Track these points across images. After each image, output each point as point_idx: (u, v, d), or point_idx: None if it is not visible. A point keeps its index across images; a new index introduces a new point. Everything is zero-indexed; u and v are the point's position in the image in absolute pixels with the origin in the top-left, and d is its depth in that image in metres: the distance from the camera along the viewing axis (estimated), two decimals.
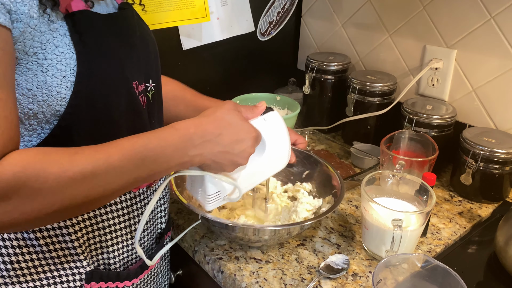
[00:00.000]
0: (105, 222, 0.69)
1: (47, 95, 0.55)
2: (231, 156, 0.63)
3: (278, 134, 0.73)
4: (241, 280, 0.76)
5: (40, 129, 0.58)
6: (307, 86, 1.29)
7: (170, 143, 0.58)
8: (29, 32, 0.52)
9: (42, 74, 0.54)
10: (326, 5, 1.38)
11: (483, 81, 1.06)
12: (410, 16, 1.16)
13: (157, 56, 0.75)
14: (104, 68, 0.59)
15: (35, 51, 0.54)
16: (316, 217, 0.78)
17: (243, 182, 0.71)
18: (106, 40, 0.61)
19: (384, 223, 0.76)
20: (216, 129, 0.62)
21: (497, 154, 0.92)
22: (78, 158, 0.51)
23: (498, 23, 1.00)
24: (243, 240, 0.79)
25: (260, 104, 0.72)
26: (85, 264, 0.67)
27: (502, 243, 0.78)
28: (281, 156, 0.76)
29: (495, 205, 0.99)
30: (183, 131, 0.59)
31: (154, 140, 0.57)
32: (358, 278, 0.76)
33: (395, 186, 0.84)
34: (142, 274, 0.75)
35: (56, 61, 0.55)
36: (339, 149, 1.19)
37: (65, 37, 0.56)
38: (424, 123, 1.03)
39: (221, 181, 0.68)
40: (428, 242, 0.86)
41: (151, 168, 0.57)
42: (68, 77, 0.56)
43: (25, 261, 0.63)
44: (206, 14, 1.19)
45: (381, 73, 1.22)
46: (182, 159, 0.60)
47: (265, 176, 0.77)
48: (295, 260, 0.81)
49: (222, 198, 0.71)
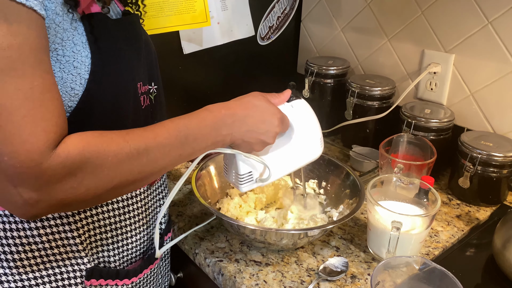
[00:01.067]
0: (106, 220, 0.70)
1: (62, 91, 0.57)
2: (257, 135, 0.69)
3: (307, 122, 0.77)
4: (241, 283, 0.77)
5: None
6: (306, 90, 1.30)
7: (207, 123, 0.64)
8: (54, 28, 0.54)
9: (60, 70, 0.56)
10: (326, 9, 1.39)
11: (481, 85, 1.07)
12: (408, 21, 1.18)
13: (157, 61, 0.78)
14: (115, 68, 0.62)
15: (56, 47, 0.56)
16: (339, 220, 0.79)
17: (274, 164, 0.74)
18: (117, 43, 0.63)
19: (385, 224, 0.77)
20: (244, 110, 0.68)
21: (494, 158, 0.93)
22: (131, 137, 0.56)
23: (495, 28, 1.01)
24: (264, 243, 0.81)
25: (286, 91, 0.77)
26: (86, 261, 0.68)
27: (500, 246, 0.78)
28: (312, 145, 0.78)
29: (493, 208, 0.99)
30: (216, 112, 0.65)
31: (194, 121, 0.63)
32: (357, 281, 0.77)
33: (397, 188, 0.85)
34: (142, 273, 0.76)
35: (73, 59, 0.57)
36: (338, 152, 1.20)
37: (82, 36, 0.58)
38: (423, 126, 1.04)
39: (252, 161, 0.72)
40: (426, 245, 0.86)
41: (192, 146, 0.63)
42: (83, 74, 0.58)
43: (27, 258, 0.65)
44: (206, 19, 1.20)
45: (380, 77, 1.23)
46: (216, 137, 0.65)
47: (296, 164, 0.79)
48: (294, 262, 0.81)
49: (254, 180, 0.74)
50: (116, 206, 0.71)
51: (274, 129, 0.70)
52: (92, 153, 0.52)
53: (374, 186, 0.83)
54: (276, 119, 0.70)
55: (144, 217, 0.77)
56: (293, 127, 0.75)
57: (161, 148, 0.59)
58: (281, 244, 0.80)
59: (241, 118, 0.67)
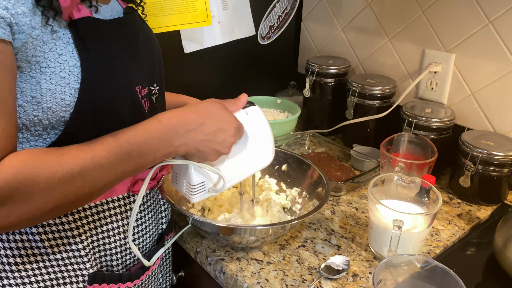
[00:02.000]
0: (109, 225, 0.70)
1: (51, 102, 0.56)
2: (213, 145, 0.65)
3: (261, 128, 0.75)
4: (242, 281, 0.77)
5: (46, 134, 0.59)
6: (307, 89, 1.30)
7: (154, 135, 0.60)
8: (31, 42, 0.53)
9: (46, 82, 0.55)
10: (326, 9, 1.40)
11: (482, 84, 1.07)
12: (409, 20, 1.18)
13: (161, 60, 0.76)
14: (108, 74, 0.60)
15: (37, 60, 0.54)
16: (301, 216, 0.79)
17: (228, 173, 0.72)
18: (110, 46, 0.61)
19: (387, 223, 0.77)
20: (199, 118, 0.64)
21: (495, 157, 0.93)
22: (66, 159, 0.53)
23: (496, 28, 1.01)
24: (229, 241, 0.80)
25: (242, 96, 0.74)
26: (88, 266, 0.68)
27: (501, 245, 0.79)
28: (265, 151, 0.77)
29: (493, 207, 1.00)
30: (166, 122, 0.61)
31: (139, 134, 0.58)
32: (359, 279, 0.77)
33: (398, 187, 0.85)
34: (144, 275, 0.76)
35: (60, 69, 0.56)
36: (339, 151, 1.20)
37: (68, 45, 0.56)
38: (423, 126, 1.04)
39: (205, 171, 0.69)
40: (427, 244, 0.86)
41: (137, 161, 0.59)
42: (72, 84, 0.57)
43: (30, 262, 0.64)
44: (207, 18, 1.20)
45: (380, 77, 1.23)
46: (167, 149, 0.61)
47: (249, 171, 0.77)
48: (296, 261, 0.81)
49: (207, 190, 0.71)
50: (119, 211, 0.71)
51: (231, 139, 0.67)
52: (21, 182, 0.50)
53: (375, 185, 0.83)
54: (233, 128, 0.67)
55: (147, 219, 0.77)
56: (248, 135, 0.73)
57: (98, 169, 0.55)
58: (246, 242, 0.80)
59: (197, 126, 0.63)
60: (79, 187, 0.54)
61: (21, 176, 0.50)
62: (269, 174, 1.00)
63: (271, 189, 0.97)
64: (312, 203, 0.89)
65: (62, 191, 0.53)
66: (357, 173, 1.11)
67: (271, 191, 0.97)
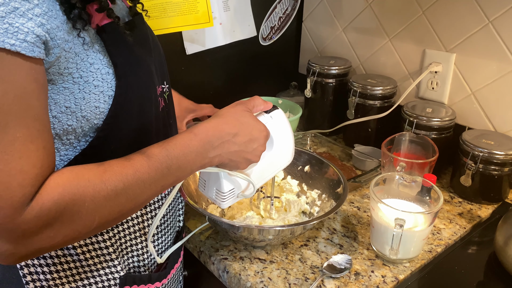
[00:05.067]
0: (135, 226, 0.70)
1: (86, 111, 0.56)
2: (245, 154, 0.66)
3: (284, 131, 0.76)
4: (246, 280, 0.77)
5: (76, 142, 0.59)
6: (308, 89, 1.31)
7: (191, 149, 0.60)
8: (64, 55, 0.52)
9: (79, 91, 0.55)
10: (327, 10, 1.40)
11: (482, 84, 1.08)
12: (409, 20, 1.18)
13: (165, 58, 0.77)
14: (139, 77, 0.61)
15: (70, 71, 0.54)
16: (319, 217, 0.79)
17: (256, 178, 0.74)
18: (134, 49, 0.62)
19: (388, 222, 0.78)
20: (232, 129, 0.64)
21: (496, 156, 0.94)
22: (109, 177, 0.52)
23: (496, 28, 1.02)
24: (248, 239, 0.81)
25: (267, 102, 0.75)
26: (119, 269, 0.68)
27: (502, 243, 0.79)
28: (287, 152, 0.78)
29: (494, 206, 1.00)
30: (202, 135, 0.61)
31: (177, 148, 0.58)
32: (361, 277, 0.78)
33: (399, 186, 0.86)
34: (170, 273, 0.77)
35: (92, 78, 0.56)
36: (341, 151, 1.21)
37: (99, 53, 0.56)
38: (424, 125, 1.05)
39: (236, 178, 0.71)
40: (429, 242, 0.87)
41: (176, 175, 0.59)
42: (106, 91, 0.57)
43: (63, 270, 0.65)
44: (209, 20, 1.21)
45: (381, 77, 1.24)
46: (203, 161, 0.62)
47: (273, 172, 0.79)
48: (298, 260, 0.82)
49: (236, 195, 0.73)
50: (144, 211, 0.72)
51: (261, 148, 0.68)
52: (68, 202, 0.49)
53: (377, 184, 0.84)
54: (263, 137, 0.68)
55: (166, 219, 0.77)
56: (273, 139, 0.74)
57: (141, 184, 0.55)
58: (266, 240, 0.81)
59: (230, 137, 0.64)
60: (123, 203, 0.54)
61: (67, 196, 0.49)
62: (292, 175, 1.00)
63: (292, 190, 0.97)
64: (330, 204, 0.89)
65: (107, 209, 0.53)
66: (358, 173, 1.11)
67: (292, 193, 0.96)
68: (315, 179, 0.97)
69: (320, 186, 0.96)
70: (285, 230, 0.78)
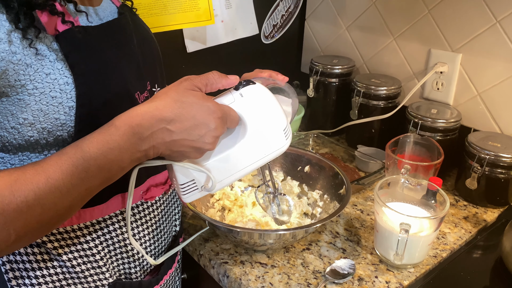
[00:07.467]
0: (124, 234, 0.69)
1: (46, 123, 0.54)
2: (189, 143, 0.55)
3: (263, 112, 0.61)
4: (246, 285, 0.76)
5: (47, 152, 0.57)
6: (311, 89, 1.29)
7: (112, 146, 0.51)
8: (12, 68, 0.49)
9: (36, 103, 0.52)
10: (330, 8, 1.38)
11: (488, 85, 1.06)
12: (415, 19, 1.16)
13: (160, 59, 0.74)
14: (105, 85, 0.56)
15: (22, 83, 0.51)
16: (321, 220, 0.77)
17: (221, 170, 0.62)
18: (104, 55, 0.57)
19: (393, 226, 0.76)
20: (167, 114, 0.53)
21: (502, 159, 0.92)
22: (19, 186, 0.47)
23: (504, 27, 1.00)
24: (249, 243, 0.79)
25: (231, 76, 0.61)
26: (108, 275, 0.67)
27: (509, 248, 0.77)
28: (272, 139, 0.63)
29: (500, 210, 0.98)
30: (125, 127, 0.51)
31: (93, 147, 0.50)
32: (364, 283, 0.76)
33: (404, 190, 0.84)
34: (162, 280, 0.75)
35: (49, 89, 0.52)
36: (343, 152, 1.19)
37: (56, 63, 0.53)
38: (429, 127, 1.03)
39: (192, 170, 0.61)
40: (434, 247, 0.85)
41: (100, 176, 0.51)
42: (65, 103, 0.54)
43: (49, 274, 0.63)
44: (210, 17, 1.19)
45: (385, 77, 1.22)
46: (133, 156, 0.53)
47: (255, 163, 0.64)
48: (300, 264, 0.80)
49: (199, 189, 0.63)
50: (134, 219, 0.70)
51: (212, 133, 0.56)
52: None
53: (381, 188, 0.82)
54: (214, 120, 0.55)
55: (161, 223, 0.76)
56: (245, 122, 0.60)
57: (55, 192, 0.48)
58: (267, 244, 0.79)
59: (164, 125, 0.53)
60: (39, 214, 0.48)
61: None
62: (292, 176, 0.99)
63: (292, 192, 0.95)
64: (333, 205, 0.87)
65: (21, 222, 0.47)
66: (361, 175, 1.09)
67: (293, 194, 0.95)
68: (316, 180, 0.95)
69: (321, 186, 0.94)
70: (286, 234, 0.76)
